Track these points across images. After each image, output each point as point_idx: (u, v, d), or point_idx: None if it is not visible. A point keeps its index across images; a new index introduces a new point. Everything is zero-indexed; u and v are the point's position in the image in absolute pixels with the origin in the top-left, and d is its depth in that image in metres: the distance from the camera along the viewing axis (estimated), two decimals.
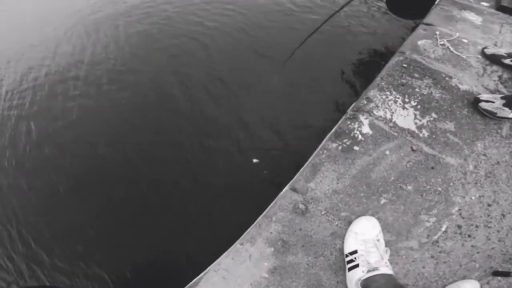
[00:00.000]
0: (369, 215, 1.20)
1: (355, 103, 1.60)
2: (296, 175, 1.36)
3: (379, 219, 1.19)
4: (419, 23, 2.05)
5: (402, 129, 1.46)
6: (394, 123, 1.48)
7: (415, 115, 1.51)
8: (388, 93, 1.61)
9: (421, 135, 1.43)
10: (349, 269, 1.05)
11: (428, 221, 1.20)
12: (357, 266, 1.03)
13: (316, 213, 1.24)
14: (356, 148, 1.40)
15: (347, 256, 1.09)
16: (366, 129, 1.46)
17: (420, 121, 1.49)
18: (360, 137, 1.44)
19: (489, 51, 1.74)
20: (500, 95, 1.47)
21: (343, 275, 1.09)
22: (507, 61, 1.66)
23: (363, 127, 1.47)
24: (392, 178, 1.31)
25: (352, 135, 1.45)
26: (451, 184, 1.28)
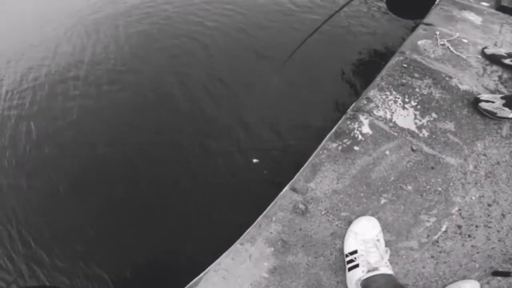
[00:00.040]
0: (369, 215, 1.20)
1: (355, 103, 1.60)
2: (296, 175, 1.36)
3: (379, 219, 1.19)
4: (419, 23, 2.05)
5: (402, 129, 1.46)
6: (394, 123, 1.48)
7: (415, 115, 1.51)
8: (388, 93, 1.61)
9: (421, 135, 1.43)
10: (349, 269, 1.05)
11: (428, 221, 1.20)
12: (357, 266, 1.03)
13: (316, 213, 1.24)
14: (356, 148, 1.40)
15: (347, 256, 1.09)
16: (366, 129, 1.46)
17: (420, 121, 1.49)
18: (360, 137, 1.44)
19: (489, 51, 1.74)
20: (500, 95, 1.47)
21: (343, 275, 1.09)
22: (507, 61, 1.66)
23: (363, 127, 1.47)
24: (392, 178, 1.31)
25: (352, 135, 1.45)
26: (451, 184, 1.28)
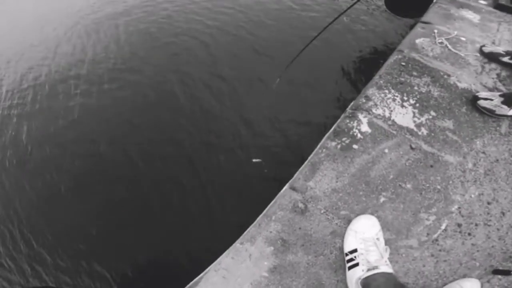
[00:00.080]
0: (369, 214, 1.20)
1: (353, 101, 1.60)
2: (295, 174, 1.36)
3: (378, 217, 1.19)
4: (418, 21, 2.06)
5: (401, 127, 1.46)
6: (393, 121, 1.48)
7: (413, 113, 1.51)
8: (387, 91, 1.61)
9: (420, 133, 1.43)
10: (349, 268, 1.05)
11: (428, 219, 1.20)
12: (357, 265, 1.02)
13: (315, 212, 1.23)
14: (355, 146, 1.40)
15: (347, 255, 1.08)
16: (365, 128, 1.46)
17: (419, 119, 1.49)
18: (359, 135, 1.44)
19: (487, 49, 1.74)
20: (498, 93, 1.47)
21: (343, 274, 1.09)
22: (505, 59, 1.66)
23: (362, 126, 1.47)
24: (391, 177, 1.31)
25: (351, 133, 1.45)
26: (451, 182, 1.28)
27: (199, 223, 1.96)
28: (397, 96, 1.58)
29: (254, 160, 2.11)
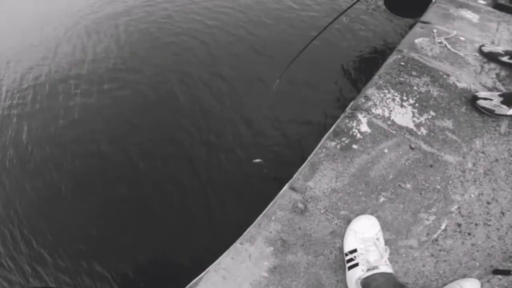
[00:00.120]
0: (368, 214, 1.20)
1: (353, 101, 1.60)
2: (295, 174, 1.36)
3: (378, 217, 1.19)
4: (417, 21, 2.06)
5: (401, 127, 1.46)
6: (392, 121, 1.48)
7: (413, 113, 1.51)
8: (386, 91, 1.61)
9: (419, 133, 1.43)
10: (349, 268, 1.05)
11: (428, 219, 1.20)
12: (357, 265, 1.02)
13: (315, 212, 1.23)
14: (354, 146, 1.40)
15: (346, 255, 1.09)
16: (364, 128, 1.46)
17: (418, 119, 1.49)
18: (359, 135, 1.44)
19: (486, 49, 1.74)
20: (498, 93, 1.47)
21: (343, 274, 1.09)
22: (505, 58, 1.66)
23: (362, 126, 1.47)
24: (391, 177, 1.31)
25: (350, 133, 1.45)
26: (450, 182, 1.28)
27: (199, 223, 1.96)
28: (396, 96, 1.58)
29: (254, 161, 2.11)
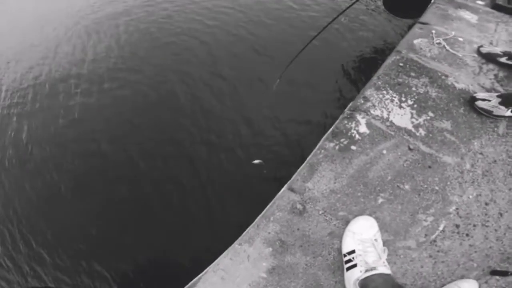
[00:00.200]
0: (367, 215, 1.20)
1: (352, 102, 1.60)
2: (293, 175, 1.36)
3: (376, 218, 1.19)
4: (416, 21, 2.06)
5: (399, 128, 1.46)
6: (391, 122, 1.49)
7: (411, 114, 1.52)
8: (385, 92, 1.61)
9: (418, 134, 1.44)
10: (347, 269, 1.05)
11: (426, 220, 1.20)
12: (355, 266, 1.03)
13: (313, 213, 1.24)
14: (353, 147, 1.41)
15: (345, 256, 1.09)
16: (363, 129, 1.47)
17: (417, 120, 1.49)
18: (357, 136, 1.44)
19: (484, 49, 1.75)
20: (496, 94, 1.48)
21: (341, 275, 1.09)
22: (503, 59, 1.66)
23: (360, 127, 1.47)
24: (389, 178, 1.31)
25: (349, 134, 1.45)
26: (448, 183, 1.29)
27: (199, 223, 1.97)
28: (395, 97, 1.59)
29: (254, 162, 2.11)
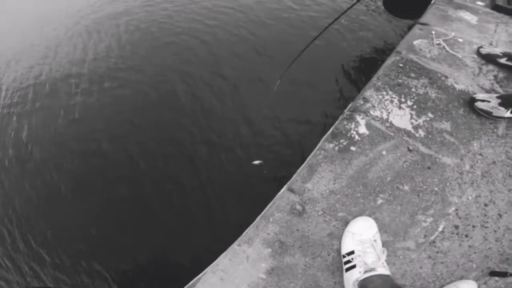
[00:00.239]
0: (366, 216, 1.20)
1: (351, 103, 1.60)
2: (293, 176, 1.36)
3: (376, 219, 1.19)
4: (416, 22, 2.06)
5: (399, 129, 1.46)
6: (391, 123, 1.49)
7: (411, 115, 1.52)
8: (385, 93, 1.61)
9: (417, 135, 1.44)
10: (346, 270, 1.06)
11: (425, 221, 1.20)
12: (354, 266, 1.03)
13: (313, 214, 1.24)
14: (352, 148, 1.41)
15: (344, 256, 1.09)
16: (362, 129, 1.47)
17: (417, 121, 1.49)
18: (357, 137, 1.44)
19: (484, 50, 1.75)
20: (495, 95, 1.48)
21: (341, 276, 1.09)
22: (503, 60, 1.66)
23: (360, 127, 1.47)
24: (389, 178, 1.31)
25: (348, 135, 1.45)
26: (448, 184, 1.29)
27: (199, 223, 1.97)
28: (394, 98, 1.59)
29: (254, 163, 2.10)
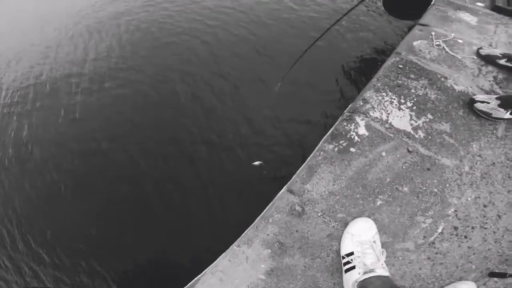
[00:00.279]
0: (366, 217, 1.21)
1: (351, 104, 1.60)
2: (292, 177, 1.37)
3: (375, 220, 1.19)
4: (416, 23, 2.06)
5: (398, 130, 1.46)
6: (390, 124, 1.49)
7: (411, 116, 1.52)
8: (384, 94, 1.61)
9: (417, 136, 1.44)
10: (346, 271, 1.06)
11: (424, 222, 1.20)
12: (354, 267, 1.03)
13: (312, 215, 1.24)
14: (352, 149, 1.41)
15: (343, 257, 1.09)
16: (362, 131, 1.47)
17: (416, 122, 1.49)
18: (356, 138, 1.44)
19: (484, 51, 1.75)
20: (495, 96, 1.48)
21: (340, 277, 1.09)
22: (502, 61, 1.66)
23: (359, 129, 1.48)
24: (388, 180, 1.31)
25: (348, 136, 1.45)
26: (447, 185, 1.29)
27: (199, 223, 1.97)
28: (394, 99, 1.59)
29: (254, 164, 2.11)
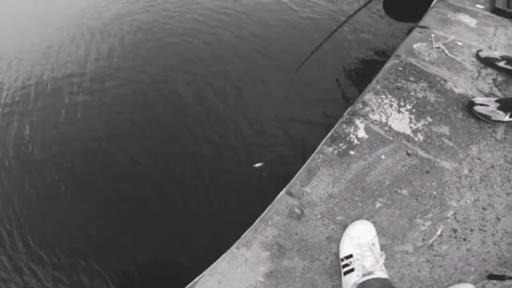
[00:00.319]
0: (365, 219, 1.21)
1: (351, 107, 1.61)
2: (292, 179, 1.37)
3: (374, 223, 1.20)
4: (416, 25, 2.06)
5: (398, 133, 1.47)
6: (390, 127, 1.49)
7: (410, 119, 1.52)
8: (384, 96, 1.62)
9: (416, 139, 1.44)
10: (345, 273, 1.06)
11: (424, 225, 1.20)
12: (353, 270, 1.03)
13: (311, 217, 1.24)
14: (351, 152, 1.41)
15: (342, 260, 1.09)
16: (361, 133, 1.47)
17: (415, 125, 1.49)
18: (356, 141, 1.45)
19: (483, 54, 1.75)
20: (494, 99, 1.48)
21: (339, 279, 1.10)
22: (502, 64, 1.67)
23: (359, 131, 1.48)
24: (387, 182, 1.31)
25: (347, 139, 1.46)
26: (446, 188, 1.29)
27: (200, 223, 1.97)
28: (393, 102, 1.59)
29: (255, 166, 2.11)
